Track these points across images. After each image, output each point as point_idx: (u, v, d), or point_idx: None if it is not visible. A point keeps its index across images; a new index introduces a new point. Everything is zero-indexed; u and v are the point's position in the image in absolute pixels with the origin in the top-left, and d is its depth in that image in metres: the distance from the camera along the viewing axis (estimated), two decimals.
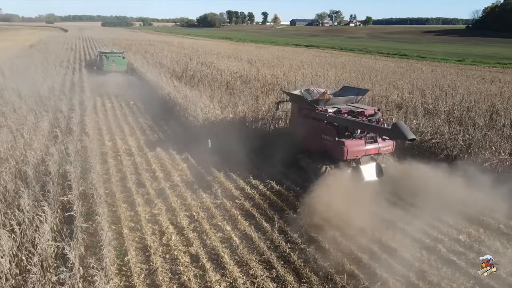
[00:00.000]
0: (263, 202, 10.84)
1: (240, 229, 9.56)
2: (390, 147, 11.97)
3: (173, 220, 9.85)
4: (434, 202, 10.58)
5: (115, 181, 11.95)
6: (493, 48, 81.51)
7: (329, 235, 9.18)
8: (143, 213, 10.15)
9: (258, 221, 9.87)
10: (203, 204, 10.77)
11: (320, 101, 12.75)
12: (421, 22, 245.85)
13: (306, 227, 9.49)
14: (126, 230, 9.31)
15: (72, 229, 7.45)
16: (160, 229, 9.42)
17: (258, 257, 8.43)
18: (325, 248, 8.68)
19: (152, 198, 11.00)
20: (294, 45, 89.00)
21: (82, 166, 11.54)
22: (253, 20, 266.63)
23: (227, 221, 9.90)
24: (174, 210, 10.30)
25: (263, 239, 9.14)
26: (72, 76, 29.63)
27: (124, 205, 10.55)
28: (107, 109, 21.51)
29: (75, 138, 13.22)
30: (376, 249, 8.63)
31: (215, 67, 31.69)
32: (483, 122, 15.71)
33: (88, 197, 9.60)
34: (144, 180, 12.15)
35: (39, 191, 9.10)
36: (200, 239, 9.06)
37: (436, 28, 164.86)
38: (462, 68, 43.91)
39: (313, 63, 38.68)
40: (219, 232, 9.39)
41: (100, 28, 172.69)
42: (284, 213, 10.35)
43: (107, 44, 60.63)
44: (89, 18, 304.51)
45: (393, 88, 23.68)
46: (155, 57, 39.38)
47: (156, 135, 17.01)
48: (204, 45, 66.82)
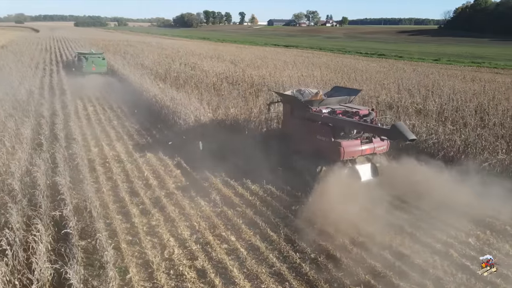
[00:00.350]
0: (266, 210, 10.40)
1: (245, 239, 9.11)
2: (385, 147, 11.96)
3: (173, 232, 9.30)
4: (438, 204, 10.49)
5: (106, 191, 11.26)
6: (465, 48, 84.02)
7: (339, 242, 8.87)
8: (140, 225, 9.56)
9: (263, 229, 9.44)
10: (203, 213, 10.26)
11: (314, 101, 12.59)
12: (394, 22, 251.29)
13: (314, 234, 9.15)
14: (124, 244, 8.70)
15: (70, 248, 6.79)
16: (160, 242, 8.85)
17: (268, 269, 8.01)
18: (337, 257, 8.35)
19: (148, 208, 10.40)
20: (273, 45, 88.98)
21: (72, 176, 10.80)
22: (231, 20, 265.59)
23: (231, 230, 9.43)
24: (173, 221, 9.74)
25: (271, 249, 8.73)
26: (50, 78, 28.34)
27: (118, 217, 9.90)
28: (89, 113, 20.56)
29: (61, 145, 12.39)
30: (388, 256, 8.37)
31: (199, 68, 31.03)
32: (474, 121, 15.83)
33: (82, 210, 8.90)
34: (137, 189, 11.51)
35: (27, 206, 8.38)
36: (205, 251, 8.56)
37: (410, 28, 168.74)
38: (440, 67, 44.79)
39: (297, 63, 38.56)
40: (224, 243, 8.91)
41: (73, 28, 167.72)
42: (288, 219, 9.98)
43: (83, 44, 58.72)
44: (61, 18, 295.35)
45: (380, 88, 23.74)
46: (135, 58, 38.28)
47: (145, 139, 16.31)
48: (184, 45, 65.78)
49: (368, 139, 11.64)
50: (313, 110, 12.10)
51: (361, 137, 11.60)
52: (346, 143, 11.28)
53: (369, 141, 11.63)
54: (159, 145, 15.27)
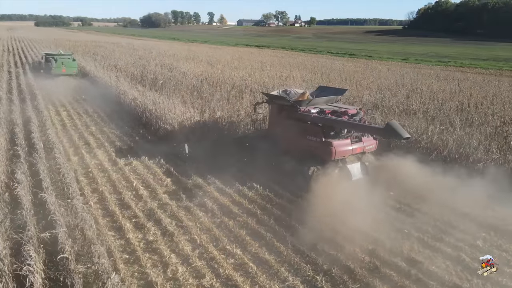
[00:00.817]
0: (268, 218, 9.92)
1: (252, 251, 8.60)
2: (374, 145, 12.12)
3: (173, 247, 8.65)
4: (438, 206, 10.42)
5: (93, 203, 10.42)
6: (429, 48, 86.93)
7: (349, 251, 8.54)
8: (136, 241, 8.85)
9: (268, 240, 8.97)
10: (202, 224, 9.65)
11: (303, 101, 12.53)
12: (360, 22, 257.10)
13: (322, 243, 8.78)
14: (121, 263, 7.98)
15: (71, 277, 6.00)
16: (161, 260, 8.20)
17: (281, 284, 7.56)
18: (350, 267, 8.00)
19: (142, 221, 9.68)
20: (245, 45, 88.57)
21: (58, 191, 9.86)
22: (199, 21, 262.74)
23: (235, 243, 8.88)
24: (171, 235, 9.08)
25: (280, 261, 8.27)
26: (18, 81, 26.55)
27: (110, 233, 9.14)
28: (63, 118, 19.31)
29: (40, 156, 11.34)
30: (402, 263, 8.11)
31: (176, 70, 30.07)
32: (459, 121, 16.03)
33: (73, 229, 8.06)
34: (127, 200, 10.73)
35: (10, 227, 7.50)
36: (211, 268, 7.99)
37: (375, 29, 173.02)
38: (410, 66, 45.88)
39: (274, 63, 38.31)
40: (230, 258, 8.36)
41: (33, 28, 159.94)
42: (293, 228, 9.54)
43: (48, 45, 55.85)
44: (20, 17, 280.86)
45: (361, 88, 23.83)
46: (107, 59, 36.71)
47: (127, 146, 15.38)
48: (155, 46, 64.05)
49: (358, 138, 11.73)
50: (301, 110, 12.02)
51: (351, 136, 11.65)
52: (337, 143, 11.27)
53: (358, 140, 11.72)
54: (144, 151, 14.43)
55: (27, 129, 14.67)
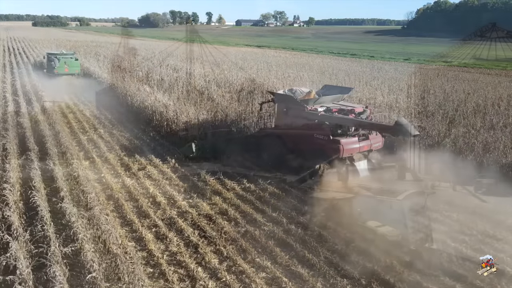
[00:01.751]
0: (295, 228, 9.42)
1: (282, 264, 8.10)
2: (380, 143, 12.24)
3: (199, 259, 8.15)
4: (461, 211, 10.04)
5: (110, 212, 9.90)
6: (429, 47, 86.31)
7: (384, 262, 8.09)
8: (159, 252, 8.35)
9: (298, 252, 8.48)
10: (227, 234, 9.14)
11: (310, 100, 12.72)
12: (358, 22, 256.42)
13: (355, 254, 8.30)
14: (146, 278, 7.46)
15: None
16: (188, 273, 7.69)
17: None
18: (390, 282, 7.51)
19: (163, 231, 9.18)
20: (245, 45, 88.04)
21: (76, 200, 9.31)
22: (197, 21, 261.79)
23: (264, 255, 8.37)
24: (195, 246, 8.58)
25: (314, 275, 7.76)
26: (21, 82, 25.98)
27: (131, 243, 8.63)
28: (70, 120, 18.77)
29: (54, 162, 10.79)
30: (437, 273, 7.65)
31: (182, 70, 29.53)
32: (480, 123, 15.62)
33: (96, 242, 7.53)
34: (145, 208, 10.23)
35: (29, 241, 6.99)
36: (242, 282, 7.49)
37: (374, 29, 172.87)
38: (415, 66, 45.42)
39: (279, 64, 37.88)
40: (261, 271, 7.86)
41: (31, 28, 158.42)
42: (323, 238, 9.07)
43: (49, 45, 55.23)
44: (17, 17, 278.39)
45: (372, 89, 23.40)
46: (109, 59, 36.10)
47: (139, 149, 14.84)
48: (156, 46, 63.48)
49: (365, 136, 11.83)
50: (308, 109, 12.16)
51: (358, 134, 11.78)
52: (344, 141, 11.40)
53: (365, 138, 11.82)
54: (157, 155, 13.95)
55: (36, 132, 14.12)
